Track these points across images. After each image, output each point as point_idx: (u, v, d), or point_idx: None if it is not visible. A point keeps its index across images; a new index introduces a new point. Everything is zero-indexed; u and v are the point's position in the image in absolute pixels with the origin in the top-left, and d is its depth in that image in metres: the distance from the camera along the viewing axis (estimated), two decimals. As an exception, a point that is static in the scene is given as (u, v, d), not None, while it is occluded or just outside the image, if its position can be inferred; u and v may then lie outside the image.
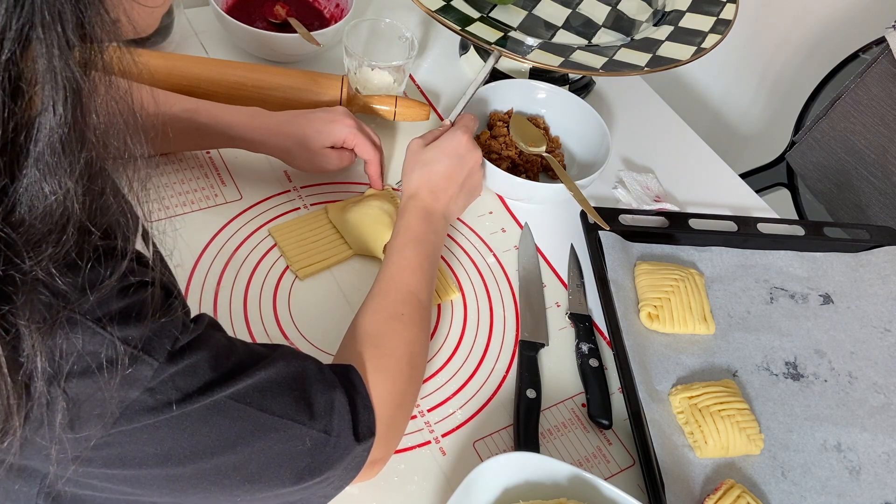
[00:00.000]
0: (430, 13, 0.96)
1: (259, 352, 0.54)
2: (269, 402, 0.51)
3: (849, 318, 0.89)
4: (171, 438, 0.47)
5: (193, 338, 0.48)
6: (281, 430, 0.52)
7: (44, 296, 0.40)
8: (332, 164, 0.86)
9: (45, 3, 0.35)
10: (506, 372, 0.79)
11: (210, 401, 0.48)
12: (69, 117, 0.37)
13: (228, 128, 0.83)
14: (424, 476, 0.70)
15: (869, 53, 1.27)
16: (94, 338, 0.42)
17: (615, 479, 0.73)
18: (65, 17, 0.35)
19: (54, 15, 0.35)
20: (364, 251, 0.84)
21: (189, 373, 0.47)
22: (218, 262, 0.80)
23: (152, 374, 0.45)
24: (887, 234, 0.97)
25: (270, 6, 1.06)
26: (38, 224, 0.38)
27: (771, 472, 0.74)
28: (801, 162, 1.31)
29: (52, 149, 0.37)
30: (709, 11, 1.06)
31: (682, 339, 0.83)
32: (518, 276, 0.87)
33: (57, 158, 0.37)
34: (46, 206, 0.38)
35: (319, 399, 0.55)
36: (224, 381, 0.49)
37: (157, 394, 0.45)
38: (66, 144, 0.37)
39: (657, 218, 0.94)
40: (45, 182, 0.37)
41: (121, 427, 0.44)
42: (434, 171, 0.81)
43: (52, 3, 0.35)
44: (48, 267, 0.39)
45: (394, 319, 0.69)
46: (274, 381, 0.52)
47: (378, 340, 0.66)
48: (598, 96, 1.14)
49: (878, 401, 0.82)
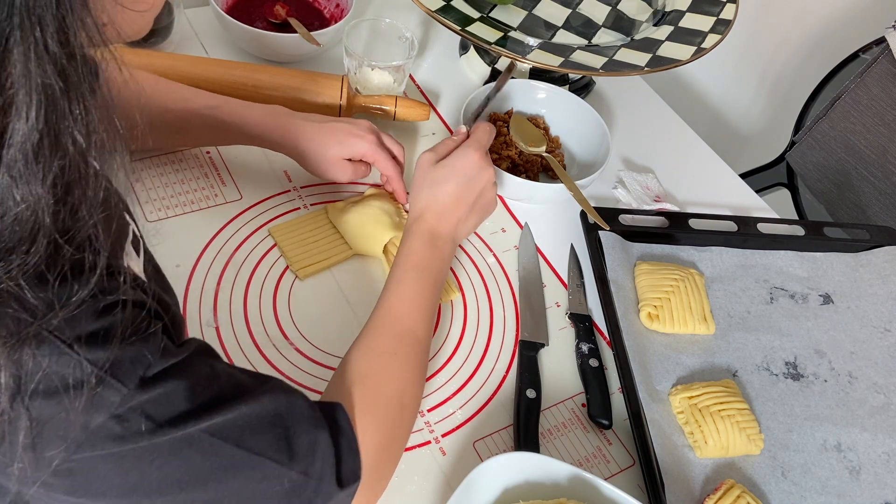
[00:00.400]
0: (430, 13, 0.96)
1: (244, 383, 0.51)
2: (248, 438, 0.49)
3: (849, 318, 0.89)
4: (138, 470, 0.44)
5: (171, 364, 0.45)
6: (257, 468, 0.49)
7: (12, 309, 0.38)
8: (345, 177, 0.85)
9: (24, 7, 0.34)
10: (506, 372, 0.79)
11: (182, 433, 0.45)
12: (42, 124, 0.36)
13: (250, 126, 0.81)
14: (424, 476, 0.70)
15: (869, 53, 1.27)
16: (62, 357, 0.40)
17: (615, 479, 0.73)
18: (44, 22, 0.34)
19: (33, 19, 0.34)
20: (364, 251, 0.84)
21: (161, 401, 0.44)
22: (218, 262, 0.80)
23: (120, 399, 0.42)
24: (887, 234, 0.97)
25: (270, 6, 1.06)
26: (8, 232, 0.37)
27: (771, 472, 0.74)
28: (801, 162, 1.31)
29: (25, 155, 0.36)
30: (709, 11, 1.06)
31: (682, 339, 0.83)
32: (518, 276, 0.87)
33: (29, 166, 0.36)
34: (17, 213, 0.36)
35: (302, 438, 0.52)
36: (200, 412, 0.46)
37: (125, 421, 0.43)
38: (38, 152, 0.36)
39: (657, 218, 0.94)
40: (15, 188, 0.36)
41: (84, 453, 0.42)
42: (442, 191, 0.78)
43: (32, 7, 0.34)
44: (17, 278, 0.38)
45: (387, 356, 0.65)
46: (256, 417, 0.49)
47: (369, 379, 0.63)
48: (598, 96, 1.14)
49: (878, 401, 0.82)
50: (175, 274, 0.78)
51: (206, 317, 0.76)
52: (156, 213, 0.83)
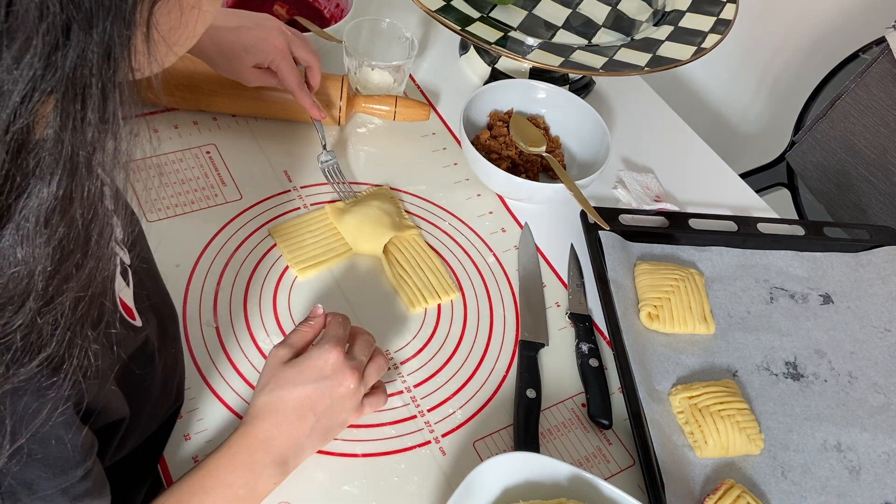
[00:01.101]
0: (430, 13, 0.96)
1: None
2: None
3: (849, 318, 0.89)
4: None
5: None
6: None
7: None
8: (251, 83, 0.86)
9: (72, 76, 0.32)
10: (506, 372, 0.79)
11: None
12: (60, 193, 0.35)
13: None
14: (424, 476, 0.70)
15: (869, 53, 1.27)
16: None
17: (615, 479, 0.73)
18: (88, 94, 0.33)
19: (78, 88, 0.33)
20: (364, 251, 0.84)
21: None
22: (218, 262, 0.80)
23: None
24: (887, 234, 0.97)
25: (270, 6, 1.06)
26: (1, 289, 0.36)
27: (771, 472, 0.74)
28: (801, 162, 1.31)
29: (37, 218, 0.35)
30: (709, 11, 1.06)
31: (682, 338, 0.83)
32: (518, 276, 0.87)
33: (38, 229, 0.35)
34: (14, 272, 0.36)
35: None
36: None
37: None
38: (49, 217, 0.35)
39: (657, 218, 0.94)
40: (19, 247, 0.35)
41: None
42: (286, 398, 0.63)
43: (79, 77, 0.33)
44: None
45: None
46: None
47: None
48: (598, 96, 1.14)
49: (878, 401, 0.82)
50: (175, 274, 0.78)
51: (206, 317, 0.76)
52: (156, 213, 0.83)
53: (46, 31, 0.31)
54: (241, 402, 0.71)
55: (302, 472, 0.66)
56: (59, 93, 0.33)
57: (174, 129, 0.91)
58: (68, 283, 0.38)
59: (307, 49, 0.87)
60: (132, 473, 0.62)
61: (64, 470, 0.45)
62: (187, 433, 0.68)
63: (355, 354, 0.67)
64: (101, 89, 0.34)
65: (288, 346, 0.66)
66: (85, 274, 0.38)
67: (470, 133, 0.95)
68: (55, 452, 0.44)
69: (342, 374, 0.64)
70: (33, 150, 0.34)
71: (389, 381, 0.75)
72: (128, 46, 0.34)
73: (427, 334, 0.80)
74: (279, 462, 0.62)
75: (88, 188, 0.36)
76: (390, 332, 0.79)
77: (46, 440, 0.43)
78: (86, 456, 0.46)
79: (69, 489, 0.45)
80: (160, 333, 0.59)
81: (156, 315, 0.58)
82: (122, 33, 0.33)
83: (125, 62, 0.34)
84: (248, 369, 0.73)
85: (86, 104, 0.34)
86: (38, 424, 0.41)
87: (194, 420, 0.69)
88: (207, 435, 0.69)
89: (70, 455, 0.44)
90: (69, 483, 0.45)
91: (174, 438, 0.68)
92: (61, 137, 0.34)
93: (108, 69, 0.33)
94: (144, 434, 0.60)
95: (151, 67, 0.38)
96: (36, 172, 0.34)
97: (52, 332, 0.38)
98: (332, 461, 0.69)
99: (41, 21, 0.30)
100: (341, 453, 0.70)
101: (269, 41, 0.83)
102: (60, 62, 0.32)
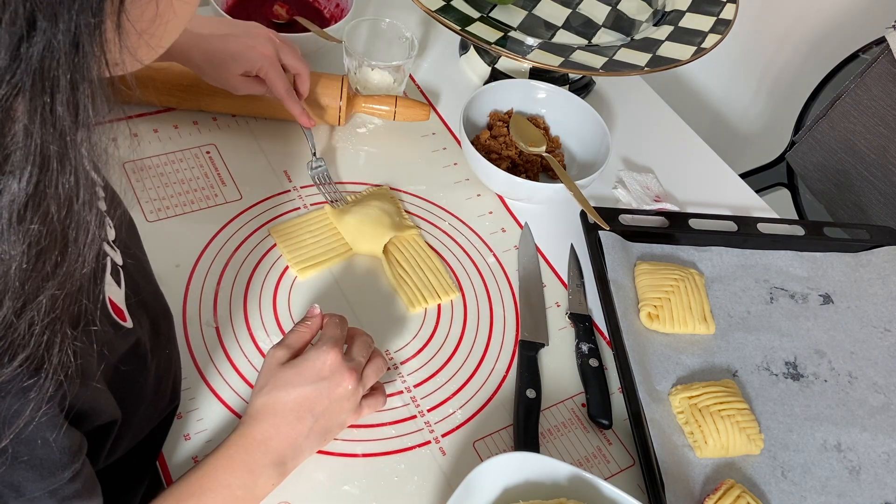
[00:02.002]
0: (430, 13, 0.96)
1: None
2: None
3: (849, 318, 0.89)
4: None
5: None
6: None
7: None
8: (240, 92, 0.85)
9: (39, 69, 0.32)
10: (506, 372, 0.79)
11: None
12: (31, 188, 0.34)
13: None
14: (424, 476, 0.70)
15: (869, 53, 1.27)
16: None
17: (615, 479, 0.73)
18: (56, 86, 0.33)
19: (46, 81, 0.32)
20: (364, 251, 0.84)
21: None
22: (218, 262, 0.80)
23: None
24: (887, 234, 0.97)
25: (270, 6, 1.06)
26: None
27: (771, 472, 0.74)
28: (801, 162, 1.31)
29: (10, 215, 0.34)
30: (709, 11, 1.06)
31: (682, 339, 0.83)
32: (518, 276, 0.87)
33: (11, 225, 0.35)
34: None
35: None
36: None
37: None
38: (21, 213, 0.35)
39: (657, 218, 0.94)
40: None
41: None
42: (284, 399, 0.63)
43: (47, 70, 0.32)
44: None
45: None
46: None
47: None
48: (598, 96, 1.14)
49: (878, 401, 0.82)
50: (175, 274, 0.78)
51: (206, 317, 0.76)
52: (156, 213, 0.83)
53: (10, 21, 0.30)
54: (241, 401, 0.71)
55: (302, 472, 0.66)
56: (27, 85, 0.32)
57: (174, 129, 0.91)
58: (46, 281, 0.37)
59: (296, 56, 0.87)
60: (128, 475, 0.61)
61: (51, 472, 0.44)
62: (187, 433, 0.68)
63: (354, 355, 0.67)
64: (70, 81, 0.33)
65: (285, 347, 0.66)
66: (63, 272, 0.38)
67: (470, 133, 0.95)
68: (41, 454, 0.43)
69: (340, 375, 0.64)
70: (3, 145, 0.33)
71: (389, 381, 0.75)
72: (97, 36, 0.34)
73: (427, 334, 0.80)
74: (277, 463, 0.62)
75: (62, 183, 0.35)
76: (390, 332, 0.79)
77: (32, 442, 0.42)
78: (73, 458, 0.45)
79: (57, 491, 0.45)
80: (153, 334, 0.59)
81: (149, 315, 0.58)
82: (89, 22, 0.33)
83: (96, 54, 0.34)
84: (247, 369, 0.73)
85: (55, 97, 0.33)
86: (21, 426, 0.40)
87: (194, 420, 0.69)
88: (207, 435, 0.69)
89: (57, 457, 0.44)
90: (57, 485, 0.45)
91: (174, 438, 0.68)
92: (30, 131, 0.33)
93: (78, 60, 0.33)
94: (139, 436, 0.59)
95: (127, 63, 0.37)
96: (6, 168, 0.34)
97: (30, 331, 0.38)
98: (332, 461, 0.69)
99: (3, 11, 0.30)
100: (341, 453, 0.70)
101: (257, 49, 0.83)
102: (26, 54, 0.31)
